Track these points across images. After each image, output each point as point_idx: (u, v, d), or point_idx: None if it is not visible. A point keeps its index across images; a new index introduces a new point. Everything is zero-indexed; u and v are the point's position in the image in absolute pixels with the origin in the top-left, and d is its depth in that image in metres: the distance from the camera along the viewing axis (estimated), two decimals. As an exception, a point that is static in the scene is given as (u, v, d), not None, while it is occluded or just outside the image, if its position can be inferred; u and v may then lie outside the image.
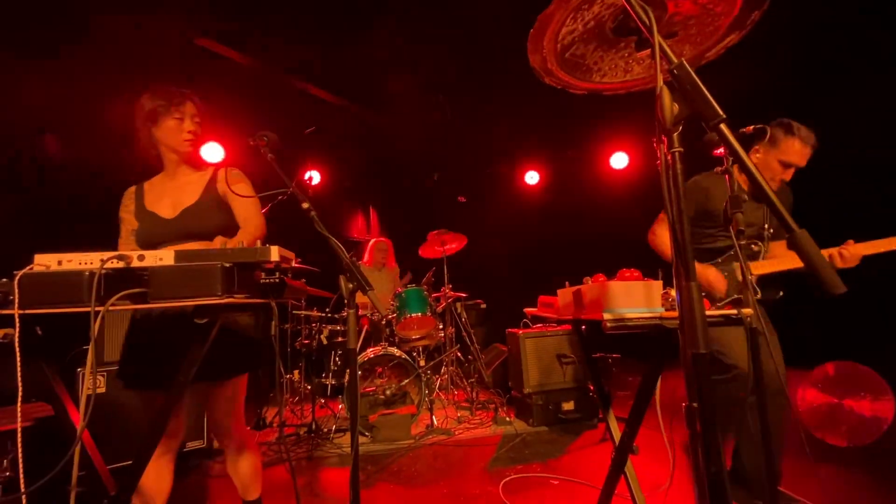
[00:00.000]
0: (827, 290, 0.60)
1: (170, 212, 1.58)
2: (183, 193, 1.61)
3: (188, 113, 1.60)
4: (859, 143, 3.62)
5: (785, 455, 2.17)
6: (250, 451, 1.71)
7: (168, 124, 1.58)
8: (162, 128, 1.58)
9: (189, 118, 1.60)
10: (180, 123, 1.59)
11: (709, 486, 0.78)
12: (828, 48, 3.56)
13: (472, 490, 2.32)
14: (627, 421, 1.38)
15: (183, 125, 1.59)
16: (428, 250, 4.26)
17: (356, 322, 1.40)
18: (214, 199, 1.62)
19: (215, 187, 1.64)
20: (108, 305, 1.00)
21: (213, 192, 1.63)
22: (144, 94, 1.59)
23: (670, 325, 1.11)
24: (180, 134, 1.59)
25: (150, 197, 1.63)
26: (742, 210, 1.22)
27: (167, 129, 1.58)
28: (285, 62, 4.36)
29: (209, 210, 1.59)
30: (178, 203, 1.60)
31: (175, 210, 1.59)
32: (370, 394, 3.28)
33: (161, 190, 1.64)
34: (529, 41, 1.19)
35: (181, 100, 1.59)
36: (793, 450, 2.42)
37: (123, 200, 1.65)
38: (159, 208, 1.59)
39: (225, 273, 1.03)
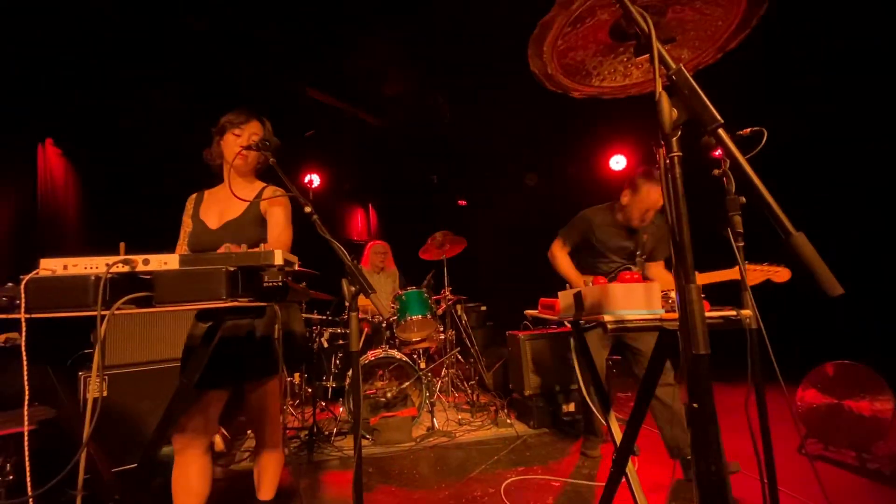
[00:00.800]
0: (826, 291, 0.61)
1: (215, 222, 1.70)
2: (230, 206, 1.71)
3: (249, 130, 1.72)
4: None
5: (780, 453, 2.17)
6: (277, 453, 1.77)
7: (228, 138, 1.72)
8: (224, 140, 1.73)
9: (248, 135, 1.71)
10: (237, 139, 1.71)
11: (709, 485, 0.79)
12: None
13: (474, 492, 2.32)
14: (628, 422, 1.39)
15: (238, 140, 1.70)
16: (428, 253, 4.27)
17: (358, 325, 1.41)
18: (255, 215, 1.72)
19: (258, 205, 1.74)
20: (114, 309, 1.01)
21: (256, 209, 1.73)
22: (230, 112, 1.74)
23: (670, 327, 1.12)
24: (234, 147, 1.69)
25: (205, 205, 1.76)
26: (739, 213, 1.23)
27: (226, 142, 1.73)
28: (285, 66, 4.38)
29: (249, 225, 1.69)
30: (223, 214, 1.71)
31: (220, 221, 1.70)
32: (371, 396, 3.28)
33: (215, 200, 1.77)
34: (530, 46, 1.21)
35: (248, 118, 1.72)
36: (790, 450, 2.43)
37: (186, 205, 1.79)
38: (208, 217, 1.71)
39: (229, 277, 1.04)
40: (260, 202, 1.73)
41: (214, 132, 1.76)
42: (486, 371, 4.14)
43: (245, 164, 1.74)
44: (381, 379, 3.39)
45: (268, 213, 1.74)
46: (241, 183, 1.78)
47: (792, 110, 3.83)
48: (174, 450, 1.55)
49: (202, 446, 1.57)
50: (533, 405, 3.30)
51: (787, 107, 3.86)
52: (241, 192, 1.74)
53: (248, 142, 1.71)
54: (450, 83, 4.82)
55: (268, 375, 1.64)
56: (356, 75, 4.54)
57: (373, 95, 4.95)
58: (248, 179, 1.82)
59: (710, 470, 0.79)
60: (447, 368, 4.10)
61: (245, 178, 1.80)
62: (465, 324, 4.14)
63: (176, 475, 1.53)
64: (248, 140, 1.71)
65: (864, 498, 2.05)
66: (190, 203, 1.79)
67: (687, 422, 0.84)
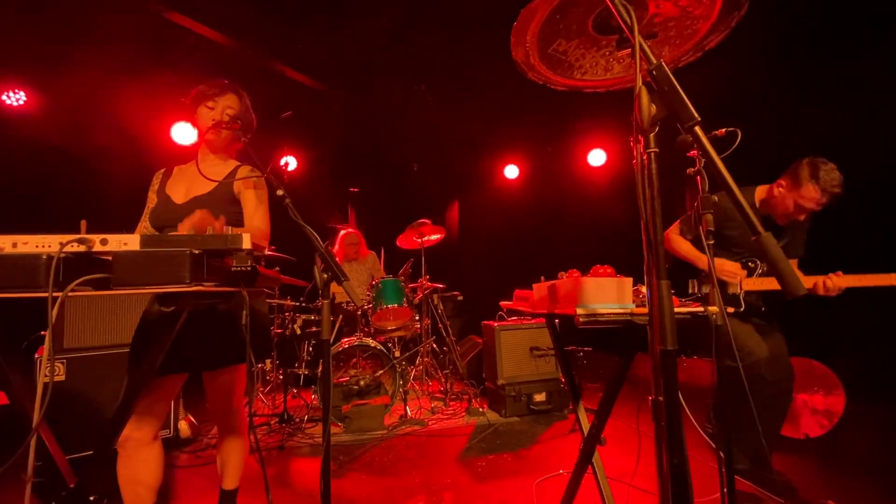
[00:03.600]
0: (789, 291, 0.62)
1: (181, 197, 1.60)
2: (200, 182, 1.61)
3: (223, 104, 1.64)
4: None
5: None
6: (241, 440, 1.73)
7: (202, 110, 1.63)
8: (198, 112, 1.65)
9: (222, 109, 1.63)
10: (210, 111, 1.63)
11: (670, 477, 0.81)
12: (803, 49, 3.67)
13: (444, 479, 2.34)
14: (596, 412, 1.42)
15: (212, 113, 1.63)
16: (406, 241, 4.24)
17: (331, 313, 1.38)
18: (226, 194, 1.64)
19: (231, 183, 1.65)
20: (68, 291, 0.95)
21: (228, 188, 1.64)
22: (205, 84, 1.66)
23: (640, 322, 1.13)
24: (206, 121, 1.62)
25: (173, 180, 1.67)
26: (712, 211, 1.25)
27: (200, 115, 1.64)
28: (262, 43, 4.23)
29: (218, 203, 1.60)
30: (191, 190, 1.62)
31: (186, 196, 1.61)
32: (344, 384, 3.26)
33: (184, 175, 1.68)
34: (513, 34, 1.19)
35: (222, 91, 1.64)
36: (750, 441, 2.53)
37: (152, 180, 1.69)
38: (174, 192, 1.62)
39: (194, 259, 0.99)
40: (234, 181, 1.66)
41: (188, 103, 1.67)
42: (461, 360, 4.17)
43: (218, 139, 1.66)
44: (354, 367, 3.36)
45: (241, 194, 1.66)
46: (213, 160, 1.70)
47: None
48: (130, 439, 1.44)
49: (150, 434, 1.47)
50: (505, 394, 3.34)
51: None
52: (213, 168, 1.67)
53: (222, 116, 1.63)
54: (433, 70, 4.75)
55: (230, 363, 1.58)
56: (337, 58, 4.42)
57: (354, 80, 4.84)
58: (222, 157, 1.74)
59: (673, 462, 0.81)
60: (422, 357, 4.10)
61: (218, 154, 1.72)
62: (441, 313, 4.14)
63: (122, 465, 1.42)
64: (221, 114, 1.63)
65: (816, 485, 2.16)
66: (157, 178, 1.69)
67: (653, 415, 0.86)
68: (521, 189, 6.49)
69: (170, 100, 4.15)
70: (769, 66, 3.78)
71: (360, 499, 2.17)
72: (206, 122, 1.63)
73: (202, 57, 4.03)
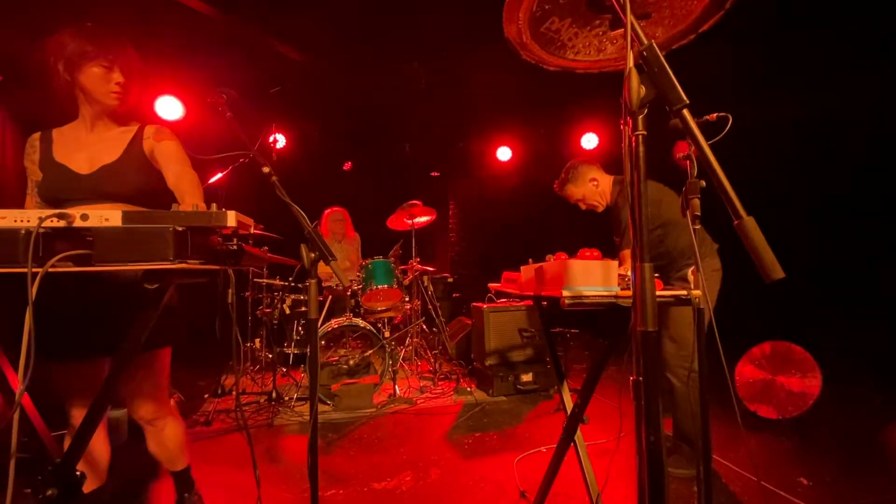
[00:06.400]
0: (767, 275, 0.63)
1: (85, 167, 1.43)
2: (102, 148, 1.46)
3: (118, 62, 1.42)
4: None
5: (719, 425, 2.35)
6: (175, 421, 1.63)
7: (93, 71, 1.40)
8: (86, 74, 1.40)
9: (118, 68, 1.43)
10: (108, 73, 1.42)
11: (647, 453, 0.83)
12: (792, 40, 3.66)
13: (431, 456, 2.39)
14: (580, 392, 1.45)
15: (112, 75, 1.42)
16: (396, 222, 4.22)
17: (318, 292, 1.38)
18: (137, 159, 1.48)
19: (140, 146, 1.50)
20: (48, 267, 0.94)
21: (137, 151, 1.49)
22: (66, 31, 1.38)
23: (624, 304, 1.15)
24: (107, 84, 1.42)
25: (61, 147, 1.45)
26: (699, 196, 1.26)
27: (92, 77, 1.40)
28: (251, 16, 4.09)
29: (130, 170, 1.46)
30: (95, 158, 1.44)
31: (92, 166, 1.43)
32: (333, 363, 3.28)
33: (75, 141, 1.47)
34: (505, 11, 1.16)
35: (111, 45, 1.41)
36: (726, 421, 2.62)
37: (27, 149, 1.47)
38: (72, 162, 1.43)
39: (178, 237, 0.98)
40: (143, 141, 1.50)
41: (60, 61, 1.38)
42: (450, 341, 4.21)
43: (121, 101, 1.47)
44: (344, 346, 3.38)
45: (156, 151, 1.50)
46: (108, 124, 1.52)
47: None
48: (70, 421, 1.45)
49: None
50: (493, 374, 3.40)
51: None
52: (110, 133, 1.51)
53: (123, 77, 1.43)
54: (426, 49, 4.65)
55: (157, 346, 1.50)
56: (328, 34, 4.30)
57: (345, 57, 4.72)
58: (118, 120, 1.54)
59: (650, 440, 0.84)
60: (411, 338, 4.13)
61: (112, 117, 1.52)
62: (431, 294, 4.16)
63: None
64: (122, 75, 1.43)
65: (788, 464, 2.25)
66: (32, 148, 1.46)
67: (633, 395, 0.88)
68: (514, 171, 6.46)
69: (153, 72, 4.02)
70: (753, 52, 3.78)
71: (347, 474, 2.21)
72: (104, 84, 1.42)
73: (188, 30, 3.90)
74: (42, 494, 1.12)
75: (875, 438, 2.53)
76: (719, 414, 2.57)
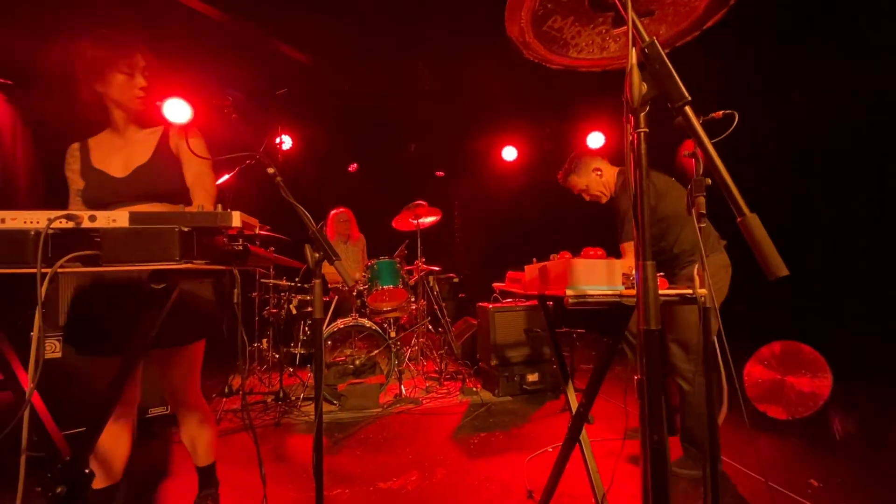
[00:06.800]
0: (770, 272, 0.62)
1: (121, 171, 1.48)
2: (134, 151, 1.51)
3: (138, 66, 1.46)
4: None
5: (726, 426, 2.32)
6: (206, 417, 1.70)
7: (116, 79, 1.44)
8: (109, 82, 1.44)
9: (140, 72, 1.47)
10: (130, 79, 1.45)
11: (654, 452, 0.83)
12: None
13: (437, 456, 2.40)
14: (585, 392, 1.44)
15: (134, 81, 1.46)
16: (402, 222, 4.23)
17: (322, 292, 1.39)
18: (168, 158, 1.53)
19: (168, 145, 1.54)
20: (57, 267, 0.95)
21: (167, 151, 1.54)
22: (84, 41, 1.42)
23: (628, 303, 1.14)
24: (131, 90, 1.46)
25: (97, 154, 1.51)
26: (704, 194, 1.25)
27: (116, 85, 1.45)
28: (256, 17, 4.13)
29: (163, 169, 1.51)
30: (129, 161, 1.49)
31: (127, 169, 1.48)
32: (340, 363, 3.29)
33: (109, 147, 1.52)
34: (507, 9, 1.16)
35: (129, 51, 1.44)
36: (734, 421, 2.60)
37: (67, 159, 1.53)
38: (108, 166, 1.49)
39: (183, 237, 0.99)
40: (170, 139, 1.55)
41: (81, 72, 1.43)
42: (455, 341, 4.21)
43: (145, 106, 1.52)
44: (350, 347, 3.40)
45: (181, 147, 1.54)
46: (137, 127, 1.56)
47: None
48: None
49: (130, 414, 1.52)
50: (499, 374, 3.39)
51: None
52: (140, 136, 1.55)
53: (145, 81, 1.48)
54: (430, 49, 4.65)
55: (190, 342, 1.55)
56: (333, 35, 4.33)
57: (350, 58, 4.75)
58: (144, 123, 1.58)
59: (654, 439, 0.83)
60: (417, 338, 4.14)
61: (138, 121, 1.57)
62: (437, 294, 4.16)
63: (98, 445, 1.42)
64: (143, 79, 1.47)
65: (796, 466, 2.22)
66: (73, 157, 1.53)
67: (637, 394, 0.87)
68: (519, 171, 6.45)
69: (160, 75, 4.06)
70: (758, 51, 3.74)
71: (353, 473, 2.22)
72: (128, 91, 1.46)
73: (194, 32, 3.93)
74: (51, 492, 1.13)
75: (886, 438, 2.49)
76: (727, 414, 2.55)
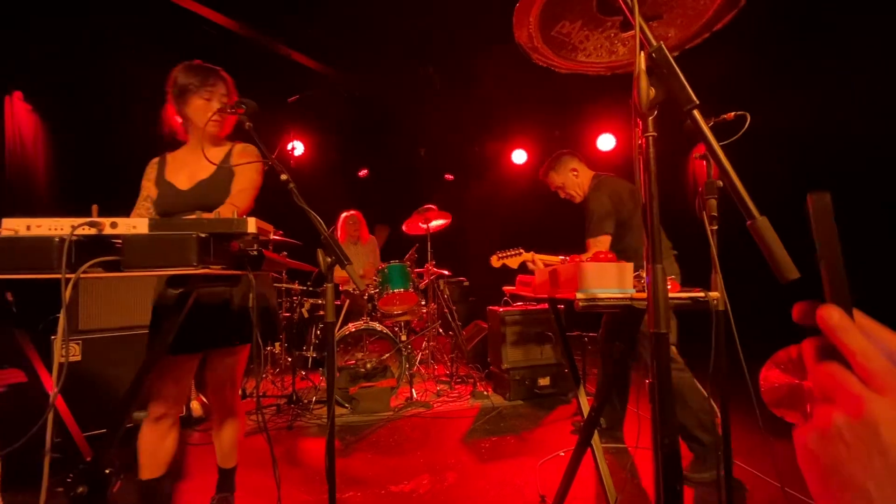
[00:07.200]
0: (781, 276, 0.62)
1: (186, 183, 1.65)
2: (201, 167, 1.66)
3: (218, 93, 1.66)
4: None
5: (740, 431, 2.29)
6: (239, 420, 1.79)
7: (196, 103, 1.64)
8: (191, 105, 1.64)
9: (218, 98, 1.66)
10: (208, 104, 1.64)
11: (665, 455, 0.83)
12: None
13: (448, 460, 2.40)
14: (595, 396, 1.44)
15: (210, 105, 1.64)
16: (412, 226, 4.25)
17: (335, 296, 1.41)
18: (225, 174, 1.68)
19: (228, 162, 1.71)
20: (80, 273, 0.98)
21: (226, 168, 1.70)
22: (177, 68, 1.66)
23: (639, 306, 1.14)
24: (207, 114, 1.63)
25: (171, 168, 1.70)
26: (716, 196, 1.25)
27: (195, 108, 1.65)
28: (269, 26, 4.20)
29: (219, 184, 1.65)
30: (194, 175, 1.66)
31: (191, 182, 1.65)
32: (351, 367, 3.32)
33: (182, 162, 1.71)
34: (515, 15, 1.17)
35: (214, 80, 1.65)
36: (748, 426, 2.55)
37: (147, 170, 1.72)
38: (177, 179, 1.66)
39: (200, 243, 1.02)
40: (231, 157, 1.71)
41: (172, 93, 1.66)
42: (466, 345, 4.21)
43: (220, 128, 1.70)
44: (361, 350, 3.42)
45: (236, 168, 1.71)
46: (209, 146, 1.73)
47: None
48: (150, 416, 1.56)
49: (177, 413, 1.60)
50: (510, 378, 3.38)
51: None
52: (210, 152, 1.70)
53: (223, 106, 1.64)
54: (440, 54, 4.69)
55: (236, 344, 1.64)
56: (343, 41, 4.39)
57: (360, 64, 4.80)
58: (217, 142, 1.77)
59: (664, 442, 0.83)
60: (427, 341, 4.15)
61: (214, 140, 1.75)
62: (447, 298, 4.17)
63: (147, 440, 1.54)
64: (220, 103, 1.65)
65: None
66: (152, 168, 1.72)
67: (649, 398, 0.87)
68: (529, 174, 6.43)
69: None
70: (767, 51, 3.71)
71: (365, 477, 2.23)
72: (205, 114, 1.63)
73: (208, 41, 4.02)
74: (73, 492, 1.17)
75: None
76: (740, 419, 2.51)
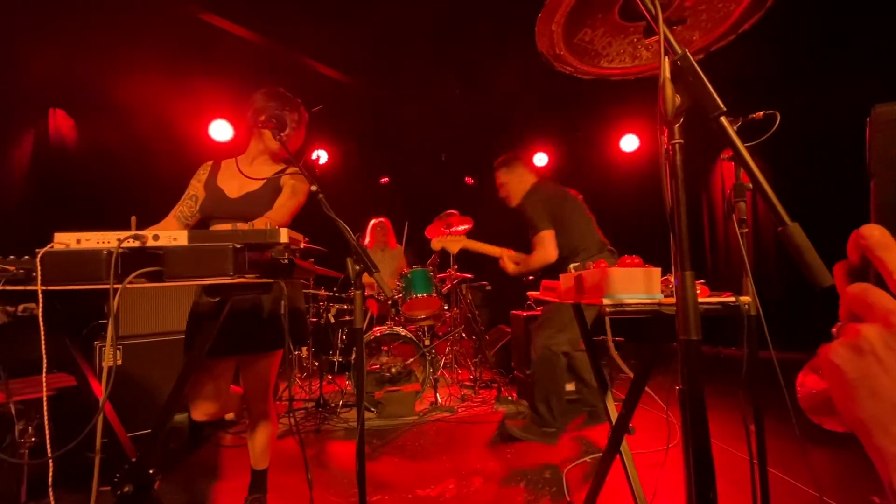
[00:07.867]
0: (815, 282, 0.61)
1: (236, 192, 1.75)
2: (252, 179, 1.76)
3: (291, 119, 1.79)
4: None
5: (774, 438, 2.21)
6: (271, 423, 1.85)
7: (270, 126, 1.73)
8: (264, 132, 1.76)
9: (289, 125, 1.78)
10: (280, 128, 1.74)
11: (699, 462, 0.82)
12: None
13: (474, 465, 2.40)
14: (624, 402, 1.42)
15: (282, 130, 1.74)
16: (434, 232, 4.28)
17: (363, 303, 1.44)
18: (273, 190, 1.76)
19: (278, 180, 1.79)
20: (126, 283, 1.04)
21: (275, 184, 1.78)
22: (261, 90, 1.81)
23: (668, 312, 1.13)
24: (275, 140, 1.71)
25: (224, 174, 1.79)
26: (744, 199, 1.23)
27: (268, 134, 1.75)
28: (292, 38, 4.32)
29: (265, 198, 1.74)
30: (244, 186, 1.75)
31: (240, 192, 1.75)
32: (376, 371, 3.36)
33: (235, 170, 1.79)
34: (538, 24, 1.19)
35: (287, 106, 1.78)
36: (783, 433, 2.46)
37: (198, 171, 1.82)
38: (227, 186, 1.76)
39: (236, 253, 1.06)
40: (282, 178, 1.79)
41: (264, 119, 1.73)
42: (490, 349, 4.20)
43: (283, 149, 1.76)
44: (386, 354, 3.46)
45: (284, 183, 1.80)
46: (265, 159, 1.85)
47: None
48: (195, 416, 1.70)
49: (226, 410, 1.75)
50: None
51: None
52: (264, 167, 1.81)
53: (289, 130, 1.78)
54: (460, 59, 4.73)
55: (272, 348, 1.71)
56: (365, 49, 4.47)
57: (382, 71, 4.88)
58: (275, 160, 1.89)
59: (699, 448, 0.82)
60: (451, 346, 4.16)
61: (273, 157, 1.87)
62: (470, 302, 4.18)
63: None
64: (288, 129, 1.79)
65: (851, 480, 2.09)
66: (204, 170, 1.82)
67: (679, 405, 0.87)
68: (552, 177, 6.39)
69: (206, 97, 4.34)
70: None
71: (392, 481, 2.25)
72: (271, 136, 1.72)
73: (235, 54, 4.17)
74: (119, 491, 1.23)
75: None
76: (773, 425, 2.43)
